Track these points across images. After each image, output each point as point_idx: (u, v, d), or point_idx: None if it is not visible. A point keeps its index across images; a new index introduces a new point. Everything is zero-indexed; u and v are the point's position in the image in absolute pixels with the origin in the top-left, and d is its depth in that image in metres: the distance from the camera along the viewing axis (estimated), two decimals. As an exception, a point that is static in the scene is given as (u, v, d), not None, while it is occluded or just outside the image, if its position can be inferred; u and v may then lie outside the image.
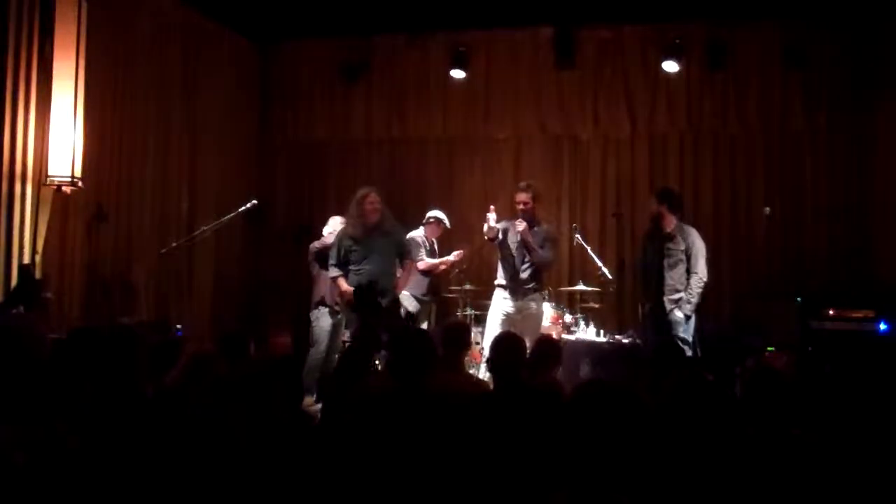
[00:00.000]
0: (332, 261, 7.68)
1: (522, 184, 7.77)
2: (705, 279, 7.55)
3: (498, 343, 4.92)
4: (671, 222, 7.69)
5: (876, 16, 9.16)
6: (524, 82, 10.28)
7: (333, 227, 8.43)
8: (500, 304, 7.64)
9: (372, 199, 7.56)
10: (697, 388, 3.88)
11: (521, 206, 7.56)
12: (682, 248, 7.59)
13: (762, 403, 3.69)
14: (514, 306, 7.59)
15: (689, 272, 7.55)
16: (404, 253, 7.82)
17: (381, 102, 10.66)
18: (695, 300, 7.51)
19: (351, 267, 7.54)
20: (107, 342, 4.26)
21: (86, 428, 3.44)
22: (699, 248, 7.61)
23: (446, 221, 9.01)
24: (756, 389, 3.76)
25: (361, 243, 7.55)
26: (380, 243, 7.58)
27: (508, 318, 7.55)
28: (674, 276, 7.58)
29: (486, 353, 6.66)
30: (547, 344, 6.10)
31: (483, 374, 7.26)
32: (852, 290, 8.77)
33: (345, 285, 7.52)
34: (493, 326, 7.50)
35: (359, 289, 7.30)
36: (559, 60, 10.00)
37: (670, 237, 7.64)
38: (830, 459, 3.42)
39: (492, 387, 4.96)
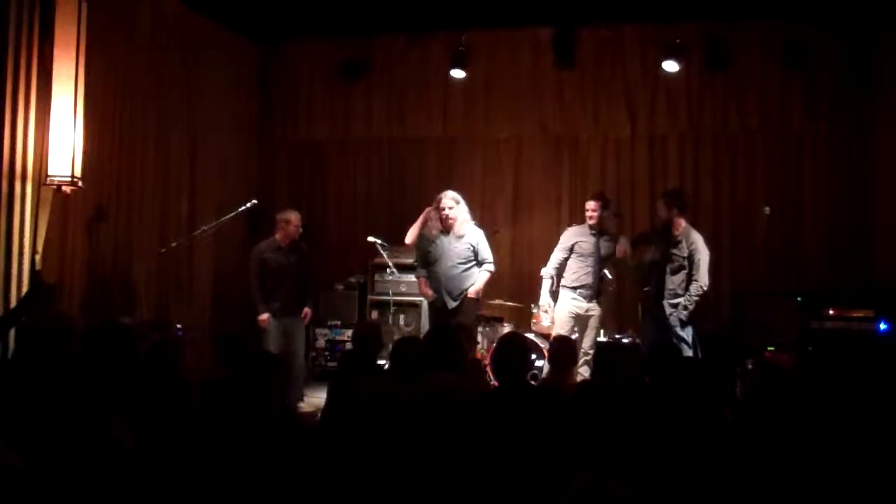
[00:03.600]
0: (417, 262, 8.12)
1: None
2: (706, 287, 7.54)
3: (501, 343, 4.94)
4: (680, 225, 7.69)
5: (876, 16, 9.15)
6: (524, 82, 10.27)
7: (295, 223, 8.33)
8: None
9: (441, 205, 7.85)
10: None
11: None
12: (686, 254, 7.58)
13: (765, 401, 3.69)
14: None
15: (690, 277, 7.54)
16: (479, 257, 7.89)
17: (382, 102, 10.65)
18: (692, 307, 7.50)
19: (429, 268, 7.90)
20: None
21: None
22: (703, 254, 7.58)
23: None
24: (760, 387, 3.77)
25: (435, 245, 7.84)
26: (452, 245, 7.81)
27: None
28: (675, 281, 7.58)
29: None
30: (562, 343, 6.13)
31: None
32: (852, 289, 8.78)
33: (423, 286, 7.93)
34: None
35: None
36: (559, 60, 9.98)
37: (676, 242, 7.63)
38: (831, 457, 3.42)
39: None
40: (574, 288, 7.84)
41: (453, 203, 7.77)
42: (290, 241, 8.27)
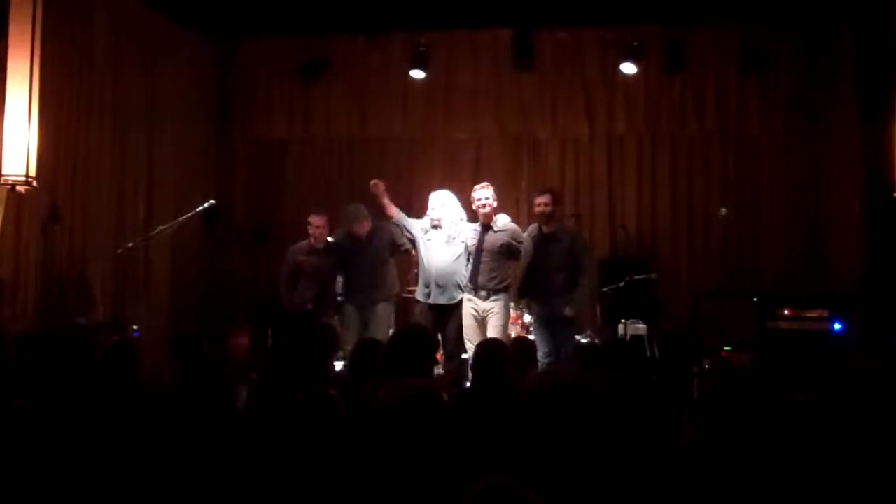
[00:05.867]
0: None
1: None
2: (591, 279, 7.69)
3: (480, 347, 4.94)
4: (562, 222, 7.67)
5: (832, 19, 9.29)
6: (483, 83, 10.29)
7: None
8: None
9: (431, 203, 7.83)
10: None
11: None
12: (568, 249, 7.53)
13: (722, 400, 3.73)
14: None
15: (575, 273, 7.49)
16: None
17: (341, 102, 10.61)
18: (582, 299, 7.58)
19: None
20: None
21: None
22: (587, 248, 7.74)
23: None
24: (717, 386, 3.80)
25: (429, 239, 7.80)
26: (443, 241, 7.76)
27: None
28: (563, 278, 7.47)
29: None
30: (519, 344, 6.15)
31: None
32: (807, 290, 8.90)
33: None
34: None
35: None
36: (518, 61, 10.02)
37: (557, 238, 7.58)
38: (786, 456, 3.46)
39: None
40: (469, 288, 7.59)
41: (440, 199, 7.79)
42: (324, 241, 8.29)
